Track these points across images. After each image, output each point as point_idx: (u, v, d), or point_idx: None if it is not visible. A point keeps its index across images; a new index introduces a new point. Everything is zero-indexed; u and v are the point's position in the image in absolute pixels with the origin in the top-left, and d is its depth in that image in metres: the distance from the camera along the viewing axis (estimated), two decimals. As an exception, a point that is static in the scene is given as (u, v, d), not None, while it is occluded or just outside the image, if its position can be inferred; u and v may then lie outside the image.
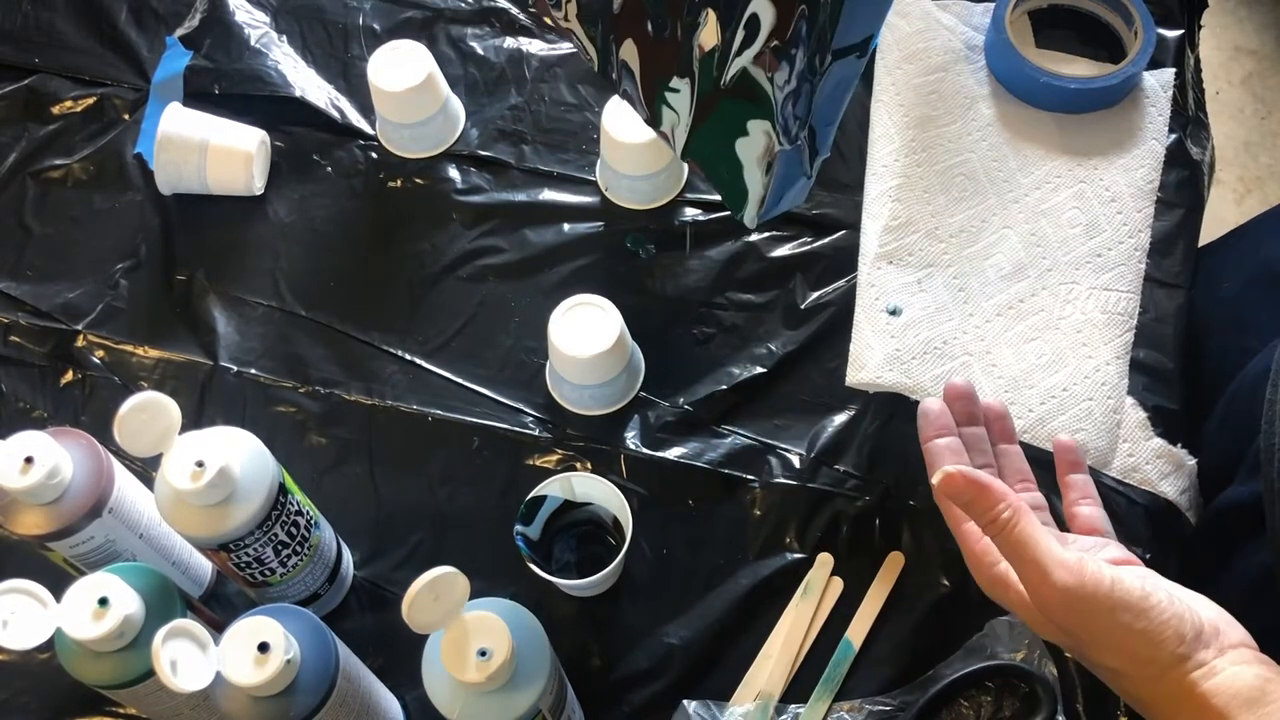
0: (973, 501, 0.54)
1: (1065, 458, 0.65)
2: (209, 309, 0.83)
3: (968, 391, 0.66)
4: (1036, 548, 0.53)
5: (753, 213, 0.68)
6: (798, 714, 0.68)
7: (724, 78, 0.63)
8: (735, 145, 0.66)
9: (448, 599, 0.54)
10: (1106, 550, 0.60)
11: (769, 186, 0.66)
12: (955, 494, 0.55)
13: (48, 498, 0.61)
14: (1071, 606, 0.52)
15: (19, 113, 0.91)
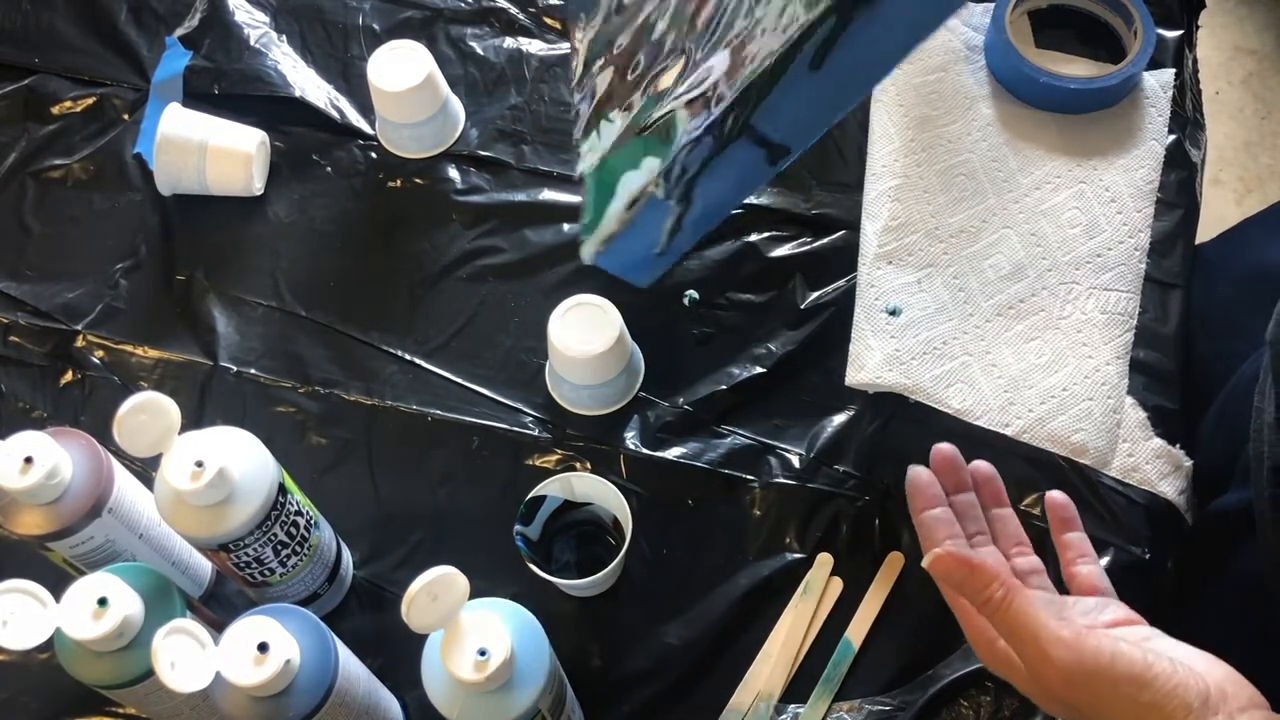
0: (964, 582, 0.54)
1: (1059, 515, 0.64)
2: (209, 309, 0.83)
3: (953, 459, 0.65)
4: (1033, 625, 0.52)
5: (591, 249, 0.64)
6: (797, 714, 0.68)
7: (655, 115, 0.62)
8: (623, 175, 0.63)
9: (447, 599, 0.54)
10: (1108, 610, 0.59)
11: (621, 227, 0.62)
12: (946, 575, 0.55)
13: (47, 498, 0.61)
14: (1073, 683, 0.51)
15: (19, 113, 0.91)
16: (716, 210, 0.61)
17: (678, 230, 0.62)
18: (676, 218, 0.61)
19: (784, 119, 0.56)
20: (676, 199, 0.60)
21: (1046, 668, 0.51)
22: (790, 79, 0.54)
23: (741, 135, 0.57)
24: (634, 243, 0.62)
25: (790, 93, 0.55)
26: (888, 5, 0.52)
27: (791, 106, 0.56)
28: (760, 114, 0.56)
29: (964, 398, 0.76)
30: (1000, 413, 0.75)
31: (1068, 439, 0.74)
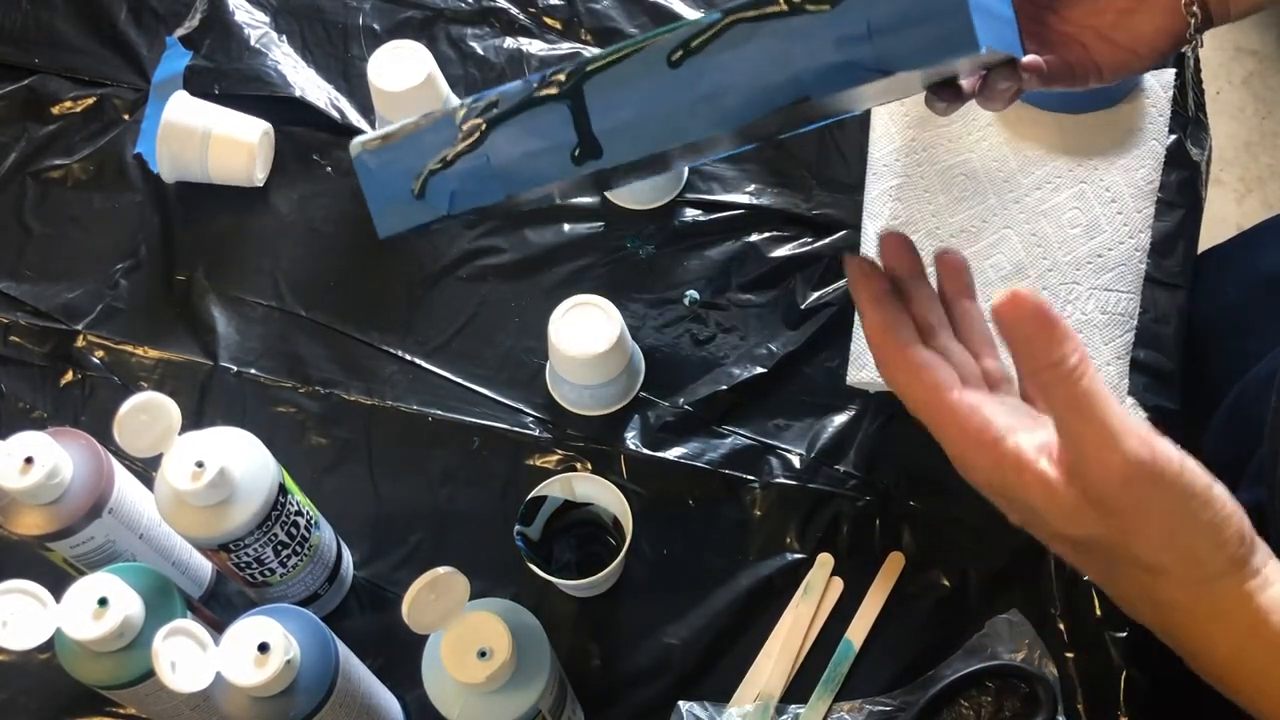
0: (1033, 337, 0.43)
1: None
2: (209, 309, 0.83)
3: (903, 242, 0.54)
4: (1106, 406, 0.43)
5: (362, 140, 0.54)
6: (798, 714, 0.68)
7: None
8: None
9: (448, 599, 0.54)
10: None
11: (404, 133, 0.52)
12: (1017, 321, 0.43)
13: (47, 498, 0.61)
14: (1133, 484, 0.43)
15: (19, 113, 0.91)
16: (492, 181, 0.51)
17: (444, 170, 0.52)
18: (454, 153, 0.51)
19: (615, 107, 0.48)
20: (468, 130, 0.51)
21: (1109, 458, 0.42)
22: (643, 61, 0.47)
23: (565, 99, 0.49)
24: (403, 158, 0.52)
25: (635, 79, 0.47)
26: (787, 30, 0.45)
27: (629, 97, 0.47)
28: (595, 86, 0.48)
29: (964, 398, 0.76)
30: (1001, 413, 0.75)
31: (1068, 439, 0.74)
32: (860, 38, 0.44)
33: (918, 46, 0.44)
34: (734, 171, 0.86)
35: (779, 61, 0.45)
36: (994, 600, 0.71)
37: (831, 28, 0.44)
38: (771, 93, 0.45)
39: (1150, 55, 0.62)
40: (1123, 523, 0.44)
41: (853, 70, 0.45)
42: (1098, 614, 0.70)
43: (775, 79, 0.45)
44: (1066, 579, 0.71)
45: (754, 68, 0.45)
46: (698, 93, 0.46)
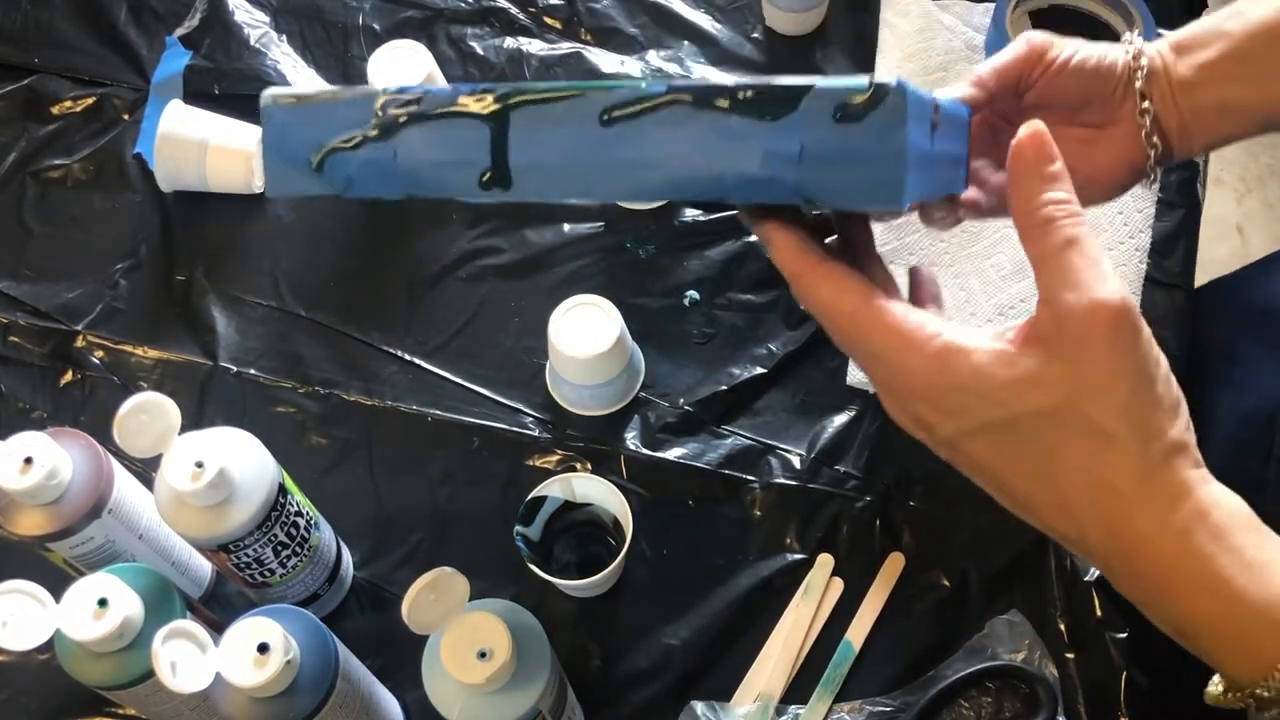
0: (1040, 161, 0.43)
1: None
2: (209, 309, 0.82)
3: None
4: (1099, 250, 0.42)
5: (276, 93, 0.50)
6: (798, 715, 0.68)
7: None
8: None
9: (448, 599, 0.54)
10: None
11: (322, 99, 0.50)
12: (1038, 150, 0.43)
13: (47, 498, 0.61)
14: (1118, 327, 0.41)
15: (19, 112, 0.91)
16: (393, 177, 0.48)
17: (348, 151, 0.49)
18: (362, 137, 0.49)
19: (536, 144, 0.46)
20: (384, 119, 0.48)
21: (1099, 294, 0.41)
22: (576, 108, 0.45)
23: (490, 120, 0.46)
24: (311, 126, 0.49)
25: (564, 123, 0.45)
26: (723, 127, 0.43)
27: (553, 138, 0.46)
28: (523, 116, 0.46)
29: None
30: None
31: (1068, 439, 0.74)
32: (790, 159, 0.43)
33: (844, 186, 0.43)
34: (734, 171, 0.86)
35: (707, 155, 0.44)
36: (994, 600, 0.71)
37: (766, 139, 0.43)
38: (692, 183, 0.44)
39: (1107, 186, 0.61)
40: (1092, 373, 0.42)
41: (775, 187, 0.44)
42: (1098, 614, 0.70)
43: (699, 171, 0.44)
44: (1067, 579, 0.71)
45: (682, 153, 0.44)
46: (620, 157, 0.45)
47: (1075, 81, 0.59)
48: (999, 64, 0.57)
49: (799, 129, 0.43)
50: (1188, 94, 0.59)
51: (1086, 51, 0.59)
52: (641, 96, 0.44)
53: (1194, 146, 0.60)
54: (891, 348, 0.45)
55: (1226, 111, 0.59)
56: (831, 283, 0.46)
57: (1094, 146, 0.60)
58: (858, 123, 0.42)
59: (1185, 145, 0.60)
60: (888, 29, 0.90)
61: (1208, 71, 0.58)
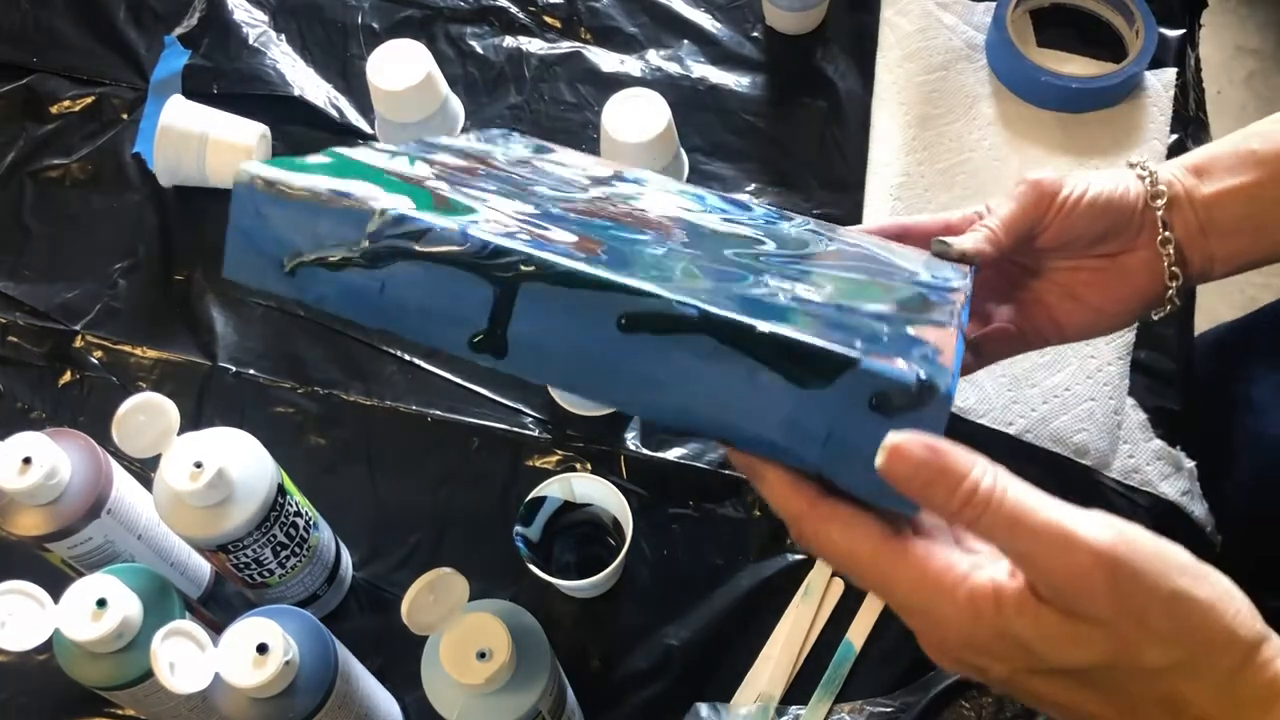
0: (934, 483, 0.38)
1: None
2: (207, 309, 0.82)
3: None
4: (1045, 510, 0.37)
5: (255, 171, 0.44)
6: (799, 715, 0.68)
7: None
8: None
9: (447, 600, 0.54)
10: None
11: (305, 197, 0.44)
12: (908, 476, 0.38)
13: (46, 498, 0.61)
14: (1115, 577, 0.36)
15: (17, 112, 0.91)
16: (373, 310, 0.43)
17: (326, 270, 0.43)
18: (344, 258, 0.43)
19: (541, 324, 0.41)
20: (376, 244, 0.42)
21: (1073, 562, 0.36)
22: (593, 302, 0.40)
23: (496, 284, 0.41)
24: (291, 226, 0.44)
25: (577, 313, 0.40)
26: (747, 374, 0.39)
27: (562, 326, 0.41)
28: (534, 292, 0.41)
29: (966, 396, 0.76)
30: (1003, 411, 0.75)
31: (1069, 439, 0.74)
32: (814, 437, 0.39)
33: (864, 479, 0.39)
34: (734, 171, 0.86)
35: (725, 399, 0.40)
36: (995, 601, 0.71)
37: (793, 406, 0.39)
38: (701, 418, 0.40)
39: (1119, 316, 0.58)
40: (1121, 627, 0.37)
41: (790, 456, 0.40)
42: (1099, 614, 0.70)
43: (711, 412, 0.40)
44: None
45: (698, 388, 0.40)
46: (631, 370, 0.40)
47: (1090, 220, 0.55)
48: (1008, 216, 0.54)
49: (830, 408, 0.39)
50: (1213, 220, 0.56)
51: (1099, 186, 0.55)
52: (671, 316, 0.40)
53: (1214, 273, 0.58)
54: (920, 596, 0.40)
55: (1261, 234, 0.56)
56: (839, 523, 0.41)
57: (1107, 275, 0.56)
58: (892, 417, 0.38)
59: (1205, 272, 0.57)
60: (888, 28, 0.90)
61: (1236, 195, 0.56)
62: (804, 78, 0.90)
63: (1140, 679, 0.39)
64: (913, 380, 0.38)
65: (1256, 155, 0.56)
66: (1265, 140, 0.57)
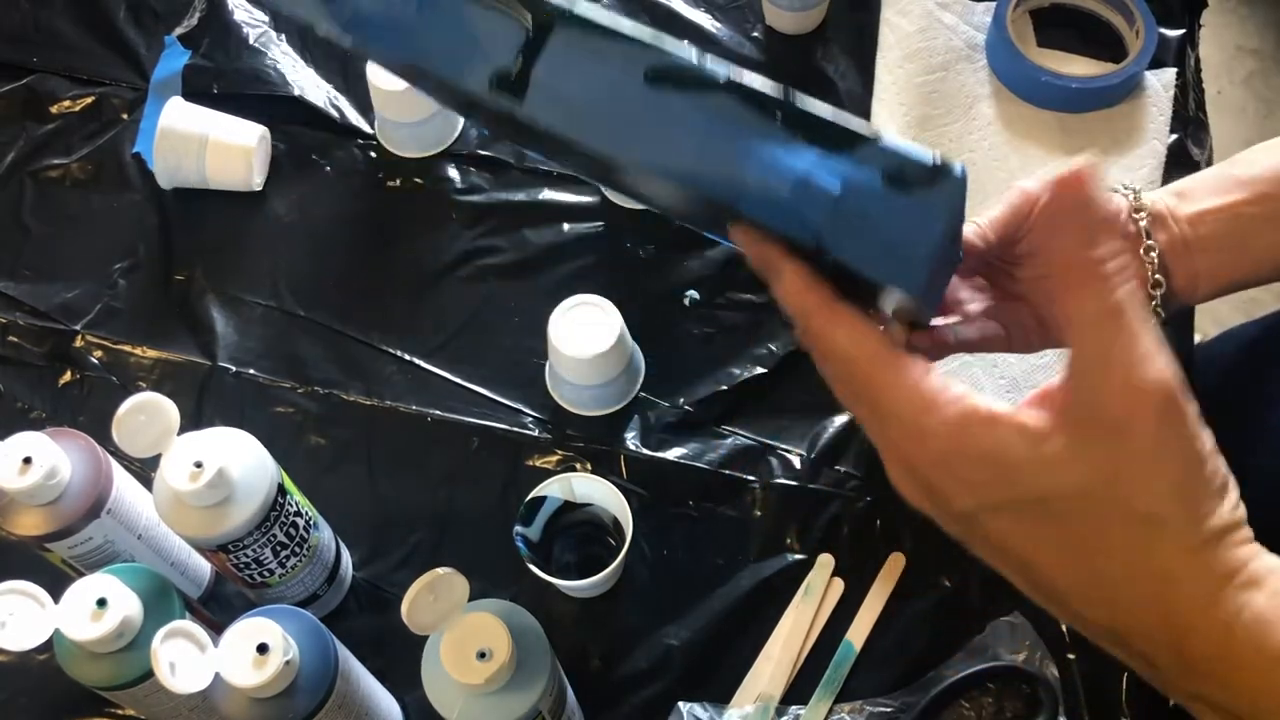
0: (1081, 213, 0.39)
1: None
2: (207, 309, 0.82)
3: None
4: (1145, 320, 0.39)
5: None
6: (799, 715, 0.68)
7: None
8: None
9: (447, 599, 0.54)
10: None
11: None
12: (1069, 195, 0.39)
13: (46, 498, 0.61)
14: (1167, 407, 0.38)
15: (17, 112, 0.91)
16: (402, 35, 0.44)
17: None
18: None
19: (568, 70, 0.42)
20: None
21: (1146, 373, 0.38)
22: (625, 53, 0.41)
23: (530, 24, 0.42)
24: None
25: (606, 62, 0.41)
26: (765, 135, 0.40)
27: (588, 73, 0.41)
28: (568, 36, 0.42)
29: (965, 398, 0.76)
30: (1002, 413, 0.75)
31: (1069, 439, 0.74)
32: (825, 198, 0.40)
33: (866, 248, 0.40)
34: (734, 171, 0.86)
35: (742, 156, 0.41)
36: (995, 601, 0.71)
37: (809, 167, 0.40)
38: (710, 177, 0.41)
39: None
40: (1136, 459, 0.38)
41: (794, 219, 0.40)
42: (1099, 614, 0.70)
43: (725, 169, 0.41)
44: (1068, 579, 0.71)
45: (716, 143, 0.41)
46: (651, 121, 0.41)
47: None
48: (997, 216, 0.54)
49: (846, 173, 0.40)
50: (1197, 237, 0.57)
51: None
52: (699, 74, 0.41)
53: (1199, 291, 0.58)
54: (909, 405, 0.41)
55: (1243, 252, 0.57)
56: (847, 327, 0.42)
57: None
58: (906, 193, 0.39)
59: (1190, 288, 0.58)
60: (888, 28, 0.90)
61: (1218, 213, 0.57)
62: (804, 78, 0.90)
63: (1116, 520, 0.39)
64: (929, 159, 0.39)
65: (1237, 179, 0.58)
66: (1246, 166, 0.58)
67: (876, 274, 0.41)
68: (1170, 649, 0.40)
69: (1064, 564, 0.41)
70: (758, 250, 0.43)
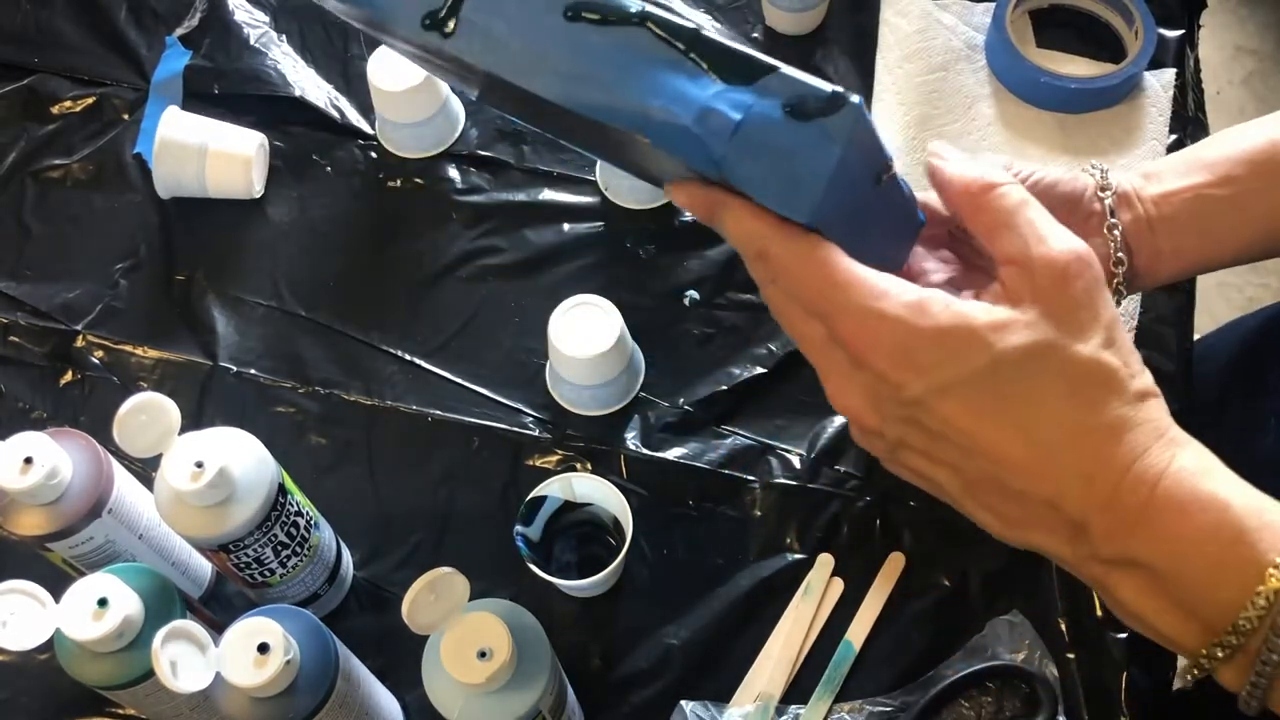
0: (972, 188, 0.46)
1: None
2: (208, 309, 0.82)
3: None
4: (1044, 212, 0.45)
5: None
6: (798, 715, 0.68)
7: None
8: None
9: (448, 599, 0.54)
10: None
11: None
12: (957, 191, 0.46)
13: (47, 498, 0.61)
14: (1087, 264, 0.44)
15: (18, 112, 0.91)
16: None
17: None
18: None
19: (494, 6, 0.45)
20: None
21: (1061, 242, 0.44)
22: None
23: None
24: None
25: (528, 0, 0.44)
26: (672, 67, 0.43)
27: (512, 10, 0.44)
28: None
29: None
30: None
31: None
32: (725, 128, 0.42)
33: (763, 176, 0.43)
34: (734, 171, 0.86)
35: (649, 87, 0.43)
36: (994, 600, 0.71)
37: (711, 97, 0.42)
38: (620, 108, 0.43)
39: None
40: (1072, 315, 0.43)
41: (696, 148, 0.43)
42: (1098, 614, 0.70)
43: (632, 99, 0.43)
44: (1067, 579, 0.71)
45: (624, 76, 0.43)
46: (567, 56, 0.44)
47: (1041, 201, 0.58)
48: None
49: (746, 103, 0.42)
50: (1161, 217, 0.59)
51: (1055, 174, 0.58)
52: (613, 8, 0.44)
53: (1162, 270, 0.60)
54: (865, 294, 0.43)
55: (1206, 234, 0.59)
56: (801, 237, 0.44)
57: None
58: (803, 122, 0.42)
59: (1153, 266, 0.60)
60: (888, 28, 0.90)
61: (1182, 194, 0.59)
62: (804, 78, 0.90)
63: (1061, 378, 0.43)
64: (827, 91, 0.42)
65: (1204, 161, 0.59)
66: (1213, 149, 0.60)
67: (774, 202, 0.43)
68: (1102, 507, 0.43)
69: (1009, 438, 0.43)
70: (701, 197, 0.45)
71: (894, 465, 0.49)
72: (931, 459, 0.46)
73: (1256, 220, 0.59)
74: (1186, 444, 0.44)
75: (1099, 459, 0.43)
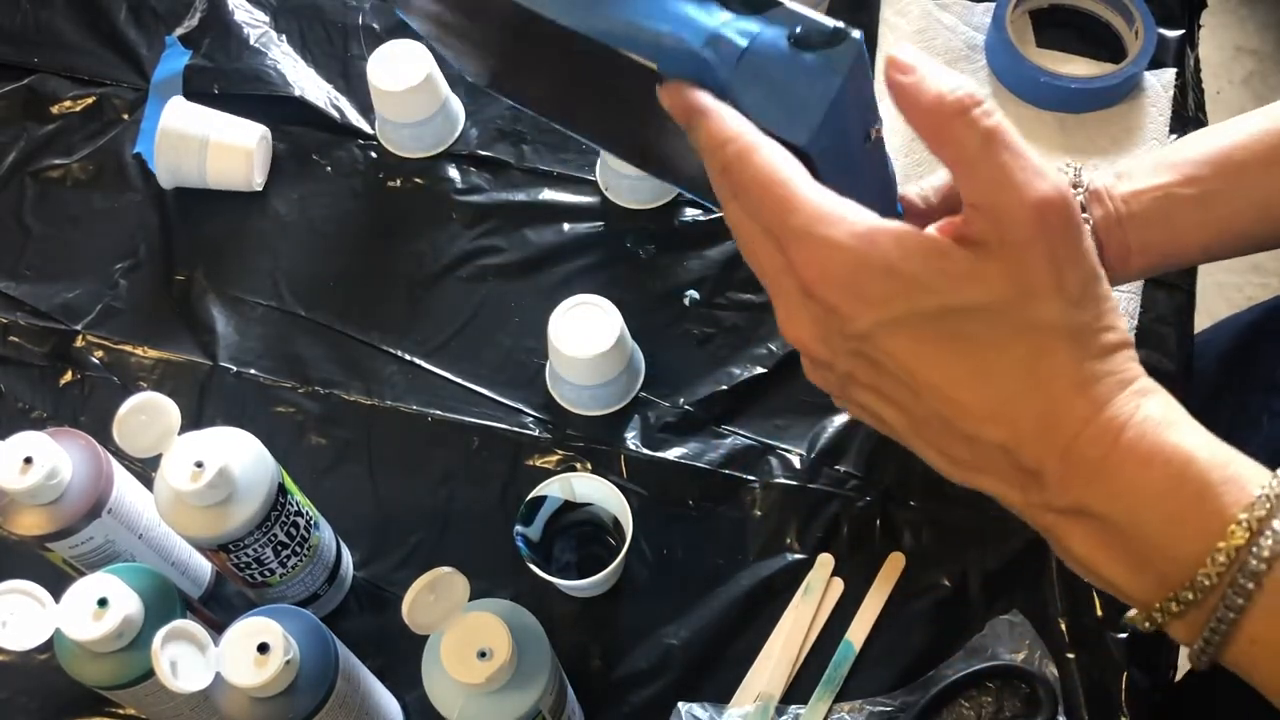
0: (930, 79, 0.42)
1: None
2: (208, 309, 0.82)
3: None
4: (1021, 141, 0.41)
5: None
6: (798, 715, 0.68)
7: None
8: None
9: (448, 599, 0.54)
10: None
11: None
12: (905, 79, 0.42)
13: (47, 498, 0.61)
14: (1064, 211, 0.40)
15: (18, 112, 0.91)
16: None
17: None
18: None
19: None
20: None
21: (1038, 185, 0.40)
22: None
23: None
24: None
25: None
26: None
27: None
28: None
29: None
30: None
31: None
32: (732, 53, 0.44)
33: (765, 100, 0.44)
34: (734, 171, 0.86)
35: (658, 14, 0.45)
36: (994, 600, 0.71)
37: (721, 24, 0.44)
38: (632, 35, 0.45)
39: None
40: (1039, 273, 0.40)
41: (706, 70, 0.44)
42: (1098, 614, 0.70)
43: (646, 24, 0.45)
44: (1067, 579, 0.71)
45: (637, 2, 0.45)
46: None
47: None
48: (941, 184, 0.56)
49: (753, 31, 0.44)
50: (1130, 214, 0.60)
51: None
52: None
53: (1131, 266, 0.61)
54: (818, 220, 0.41)
55: (1174, 231, 0.60)
56: (768, 150, 0.43)
57: None
58: (808, 52, 0.43)
59: (1123, 261, 0.61)
60: (887, 28, 0.90)
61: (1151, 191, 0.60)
62: (804, 78, 0.90)
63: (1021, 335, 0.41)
64: (830, 25, 0.43)
65: (1172, 161, 0.60)
66: (1182, 150, 0.61)
67: (774, 124, 0.44)
68: (1060, 455, 0.41)
69: (961, 380, 0.41)
70: (687, 99, 0.44)
71: (843, 400, 0.48)
72: (880, 395, 0.45)
73: (1220, 219, 0.60)
74: (1153, 392, 0.42)
75: (1058, 409, 0.41)
